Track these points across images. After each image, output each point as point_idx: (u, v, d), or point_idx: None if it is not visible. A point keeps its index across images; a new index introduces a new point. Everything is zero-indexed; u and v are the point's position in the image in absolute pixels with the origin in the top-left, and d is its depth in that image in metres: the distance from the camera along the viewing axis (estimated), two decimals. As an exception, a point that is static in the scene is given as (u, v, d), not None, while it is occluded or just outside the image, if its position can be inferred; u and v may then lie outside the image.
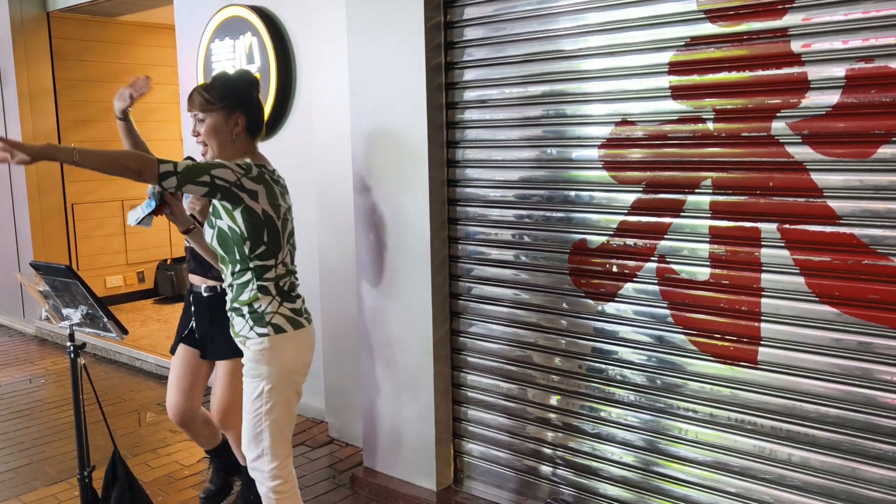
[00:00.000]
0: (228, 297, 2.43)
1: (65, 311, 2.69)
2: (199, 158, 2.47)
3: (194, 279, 3.00)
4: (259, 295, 2.36)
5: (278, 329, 2.36)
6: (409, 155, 3.11)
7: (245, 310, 2.37)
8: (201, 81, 4.53)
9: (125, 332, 2.63)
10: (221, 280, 2.78)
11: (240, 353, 2.76)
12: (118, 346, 5.64)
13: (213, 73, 2.60)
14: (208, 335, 2.96)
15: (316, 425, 4.20)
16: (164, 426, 4.30)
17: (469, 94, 3.04)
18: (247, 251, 2.33)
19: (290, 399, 2.45)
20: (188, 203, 2.66)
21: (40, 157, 2.15)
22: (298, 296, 2.48)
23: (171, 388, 3.02)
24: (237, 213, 2.30)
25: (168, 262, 7.44)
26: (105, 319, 2.59)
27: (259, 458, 2.42)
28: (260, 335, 2.35)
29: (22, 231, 6.57)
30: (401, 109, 3.11)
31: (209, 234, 2.41)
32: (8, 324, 6.88)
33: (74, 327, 2.69)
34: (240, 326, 2.40)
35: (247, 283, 2.36)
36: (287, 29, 4.11)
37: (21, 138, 6.33)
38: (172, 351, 3.07)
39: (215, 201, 2.35)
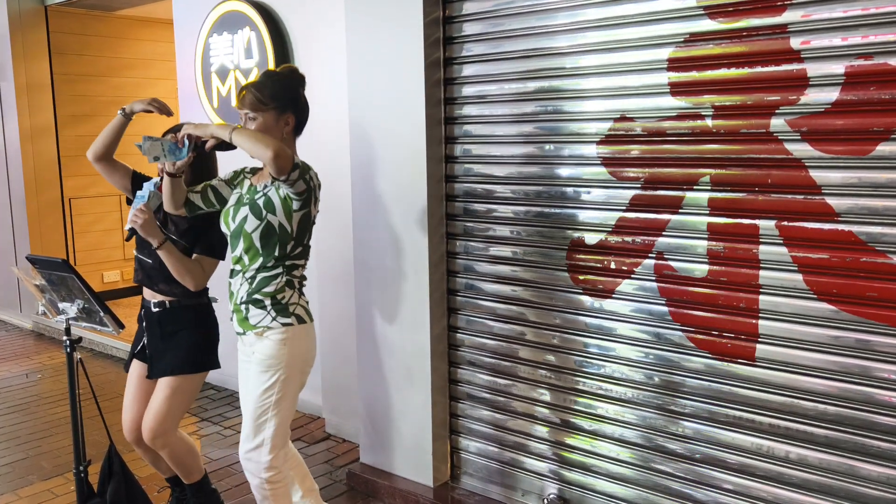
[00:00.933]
0: (243, 289, 2.43)
1: (61, 306, 2.69)
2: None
3: (145, 293, 2.83)
4: (285, 287, 2.42)
5: (300, 319, 2.44)
6: (406, 151, 3.10)
7: (268, 301, 2.40)
8: (199, 76, 4.52)
9: (121, 326, 2.63)
10: (169, 295, 2.75)
11: (181, 370, 2.72)
12: (115, 342, 5.64)
13: (263, 70, 2.58)
14: (158, 352, 2.77)
15: (313, 421, 4.20)
16: (161, 421, 4.30)
17: (467, 90, 3.03)
18: (288, 250, 2.41)
19: (297, 391, 2.49)
20: (131, 215, 2.56)
21: (204, 133, 2.37)
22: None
23: (127, 407, 2.86)
24: (295, 216, 2.38)
25: (166, 257, 7.42)
26: (101, 314, 2.58)
27: (258, 448, 2.43)
28: (284, 324, 2.40)
29: (19, 225, 6.55)
30: (399, 105, 3.10)
31: (252, 226, 2.37)
32: (5, 318, 6.87)
33: (70, 321, 2.68)
34: (258, 318, 2.41)
35: (275, 276, 2.41)
36: (285, 24, 4.10)
37: (18, 133, 6.32)
38: (126, 367, 2.92)
39: (274, 197, 2.38)
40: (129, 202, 2.81)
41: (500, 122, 2.96)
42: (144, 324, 2.82)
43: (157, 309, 2.77)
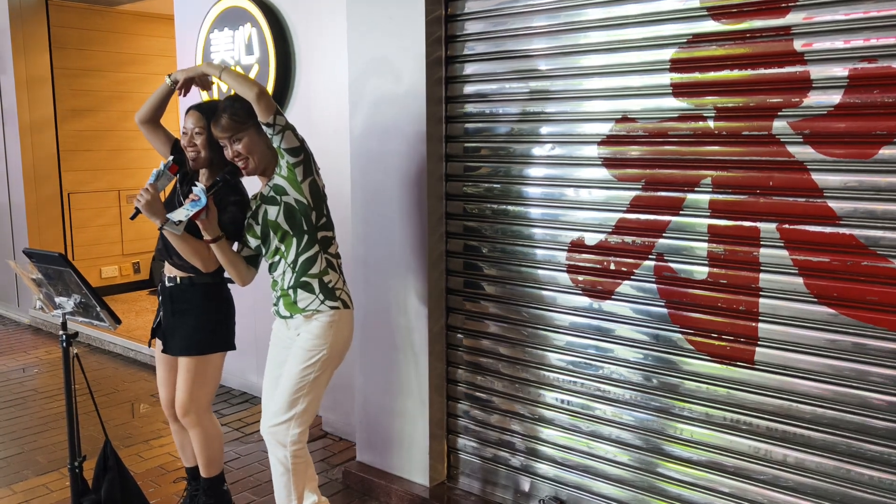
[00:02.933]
0: (287, 276, 2.56)
1: (57, 300, 2.67)
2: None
3: (166, 267, 2.85)
4: (329, 269, 2.58)
5: (345, 305, 2.61)
6: (407, 149, 3.09)
7: (315, 284, 2.55)
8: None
9: (118, 321, 2.61)
10: (182, 270, 2.76)
11: (186, 352, 2.76)
12: (112, 337, 5.62)
13: (215, 103, 2.69)
14: (170, 328, 2.81)
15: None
16: (158, 418, 4.29)
17: (468, 89, 3.02)
18: (314, 220, 2.55)
19: (331, 374, 2.64)
20: (138, 196, 2.57)
21: (194, 72, 2.66)
22: None
23: (160, 384, 2.98)
24: (304, 185, 2.52)
25: (164, 253, 7.41)
26: (98, 308, 2.57)
27: (288, 421, 2.56)
28: (332, 308, 2.55)
29: (18, 220, 6.54)
30: (400, 103, 3.09)
31: (274, 212, 2.52)
32: (2, 312, 6.85)
33: (67, 316, 2.67)
34: (307, 301, 2.55)
35: (315, 257, 2.56)
36: (287, 20, 4.09)
37: (18, 127, 6.31)
38: (150, 341, 3.01)
39: (280, 181, 2.54)
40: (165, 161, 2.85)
41: (500, 122, 2.95)
42: (160, 298, 2.87)
43: (170, 284, 2.80)
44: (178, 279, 2.77)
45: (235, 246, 2.74)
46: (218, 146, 2.64)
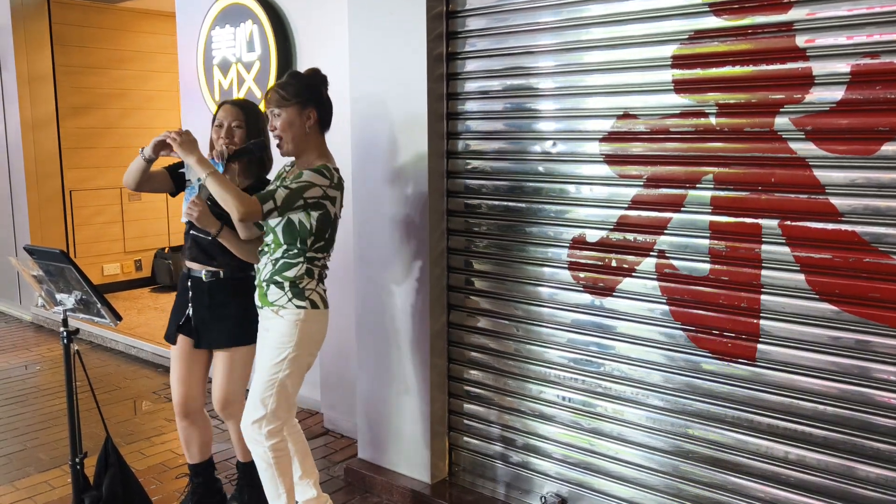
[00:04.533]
0: (267, 269, 2.62)
1: (58, 297, 2.67)
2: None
3: (193, 265, 2.89)
4: (305, 276, 2.61)
5: (314, 305, 2.62)
6: (408, 145, 3.09)
7: (286, 284, 2.59)
8: (201, 69, 4.51)
9: (119, 318, 2.62)
10: (224, 266, 2.83)
11: (234, 343, 2.85)
12: (114, 334, 5.63)
13: (288, 71, 2.78)
14: (204, 322, 2.86)
15: (311, 416, 4.19)
16: (160, 415, 4.29)
17: (470, 85, 3.02)
18: (308, 244, 2.59)
19: (304, 371, 2.68)
20: (186, 208, 2.65)
21: (186, 160, 2.57)
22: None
23: (176, 382, 2.95)
24: (314, 215, 2.56)
25: (166, 250, 7.42)
26: (99, 305, 2.57)
27: (259, 420, 2.60)
28: (298, 307, 2.59)
29: (19, 217, 6.55)
30: (401, 99, 3.08)
31: (275, 221, 2.57)
32: (4, 310, 6.87)
33: (68, 313, 2.67)
34: (276, 296, 2.60)
35: (296, 264, 2.60)
36: (288, 17, 4.08)
37: (20, 124, 6.32)
38: (167, 337, 2.98)
39: None
40: (173, 194, 2.97)
41: (502, 118, 2.94)
42: (190, 294, 2.87)
43: (210, 279, 2.85)
44: (221, 273, 2.84)
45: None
46: (257, 138, 2.82)
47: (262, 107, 2.83)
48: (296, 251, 2.59)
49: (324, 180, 2.54)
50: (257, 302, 2.68)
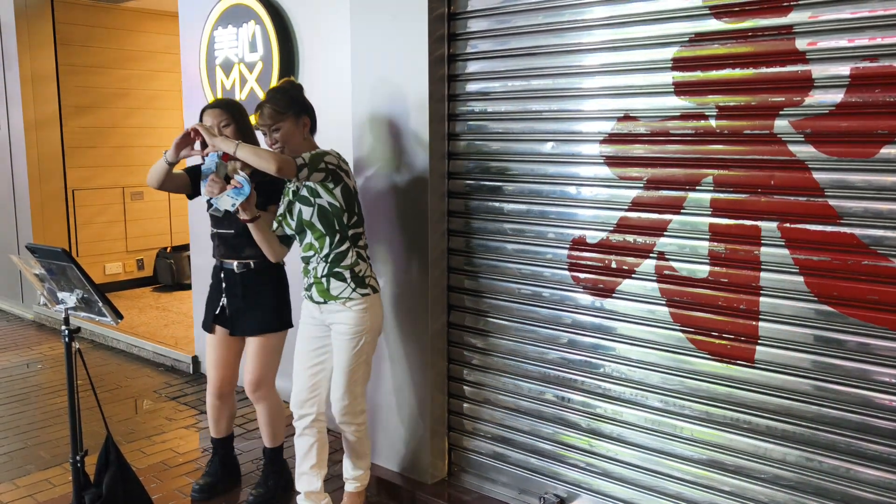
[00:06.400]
0: (321, 267, 2.80)
1: (60, 295, 2.69)
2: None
3: (225, 261, 3.08)
4: (359, 260, 2.82)
5: (374, 290, 2.85)
6: (410, 146, 3.10)
7: (347, 273, 2.78)
8: (204, 69, 4.52)
9: (120, 316, 2.63)
10: (254, 258, 3.02)
11: (268, 329, 3.06)
12: (116, 333, 5.64)
13: (268, 89, 2.90)
14: (239, 311, 3.05)
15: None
16: (160, 414, 4.30)
17: (471, 87, 3.03)
18: (345, 220, 2.78)
19: (373, 352, 2.94)
20: (205, 187, 2.78)
21: (212, 146, 2.69)
22: None
23: (213, 368, 3.17)
24: (337, 191, 2.74)
25: (168, 250, 7.43)
26: (100, 304, 2.58)
27: (352, 402, 2.86)
28: (362, 295, 2.79)
29: (22, 216, 6.56)
30: (403, 101, 3.09)
31: (308, 213, 2.75)
32: (6, 308, 6.88)
33: (69, 311, 2.68)
34: (339, 289, 2.78)
35: (347, 251, 2.80)
36: (290, 18, 4.09)
37: (23, 123, 6.33)
38: (204, 326, 3.18)
39: (312, 184, 2.74)
40: (190, 197, 3.15)
41: (503, 119, 2.95)
42: (224, 286, 3.07)
43: (241, 270, 3.04)
44: (252, 264, 3.02)
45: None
46: (248, 133, 2.94)
47: (252, 120, 2.95)
48: (339, 237, 2.77)
49: (330, 157, 2.73)
50: (318, 298, 2.82)
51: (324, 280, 2.79)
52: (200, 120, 2.95)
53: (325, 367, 2.93)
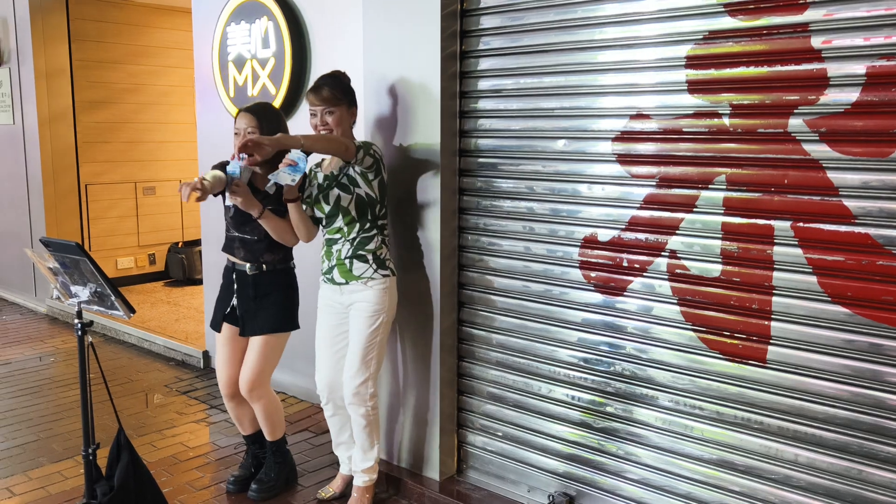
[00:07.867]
0: (346, 248, 2.92)
1: (73, 289, 2.70)
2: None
3: (239, 263, 3.10)
4: (382, 246, 2.96)
5: (393, 272, 2.99)
6: (421, 143, 3.10)
7: (370, 256, 2.92)
8: (216, 65, 4.54)
9: (132, 310, 2.64)
10: (267, 262, 3.06)
11: (275, 329, 3.09)
12: (127, 328, 5.68)
13: (323, 74, 2.97)
14: (249, 312, 3.08)
15: (320, 411, 4.21)
16: (171, 408, 4.32)
17: (483, 84, 3.02)
18: (377, 212, 2.93)
19: (389, 332, 3.06)
20: (229, 195, 2.83)
21: (276, 146, 2.63)
22: None
23: (222, 366, 3.18)
24: (375, 183, 2.90)
25: (179, 244, 7.47)
26: (113, 298, 2.59)
27: (364, 382, 2.94)
28: (383, 276, 2.93)
29: (35, 211, 6.61)
30: (414, 97, 3.09)
31: (346, 200, 2.87)
32: (20, 302, 6.93)
33: (83, 305, 2.70)
34: (361, 270, 2.91)
35: (373, 237, 2.93)
36: (303, 14, 4.10)
37: (37, 118, 6.37)
38: (213, 325, 3.21)
39: (353, 174, 2.88)
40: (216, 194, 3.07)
41: (515, 117, 2.94)
42: (235, 287, 3.10)
43: (253, 271, 3.06)
44: (264, 266, 3.06)
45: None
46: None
47: (309, 100, 2.89)
48: (369, 225, 2.91)
49: (376, 147, 2.89)
50: (339, 279, 2.93)
51: (347, 261, 2.91)
52: (237, 121, 2.98)
53: (347, 350, 3.01)
